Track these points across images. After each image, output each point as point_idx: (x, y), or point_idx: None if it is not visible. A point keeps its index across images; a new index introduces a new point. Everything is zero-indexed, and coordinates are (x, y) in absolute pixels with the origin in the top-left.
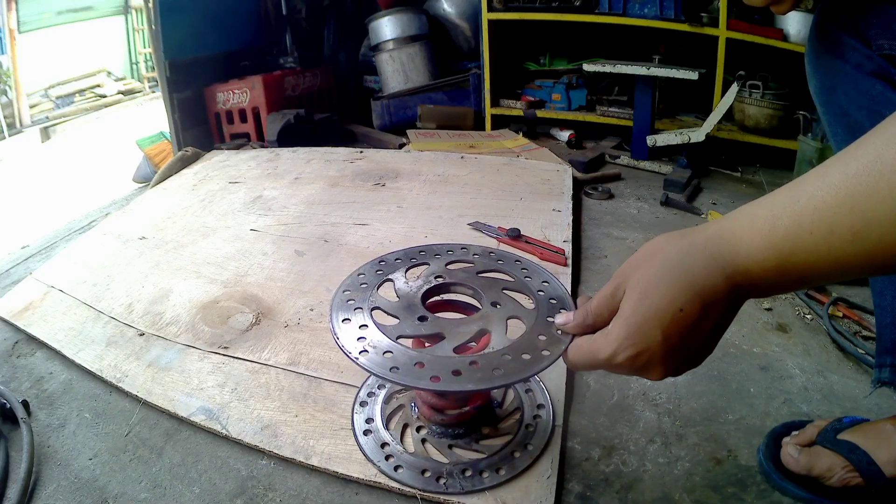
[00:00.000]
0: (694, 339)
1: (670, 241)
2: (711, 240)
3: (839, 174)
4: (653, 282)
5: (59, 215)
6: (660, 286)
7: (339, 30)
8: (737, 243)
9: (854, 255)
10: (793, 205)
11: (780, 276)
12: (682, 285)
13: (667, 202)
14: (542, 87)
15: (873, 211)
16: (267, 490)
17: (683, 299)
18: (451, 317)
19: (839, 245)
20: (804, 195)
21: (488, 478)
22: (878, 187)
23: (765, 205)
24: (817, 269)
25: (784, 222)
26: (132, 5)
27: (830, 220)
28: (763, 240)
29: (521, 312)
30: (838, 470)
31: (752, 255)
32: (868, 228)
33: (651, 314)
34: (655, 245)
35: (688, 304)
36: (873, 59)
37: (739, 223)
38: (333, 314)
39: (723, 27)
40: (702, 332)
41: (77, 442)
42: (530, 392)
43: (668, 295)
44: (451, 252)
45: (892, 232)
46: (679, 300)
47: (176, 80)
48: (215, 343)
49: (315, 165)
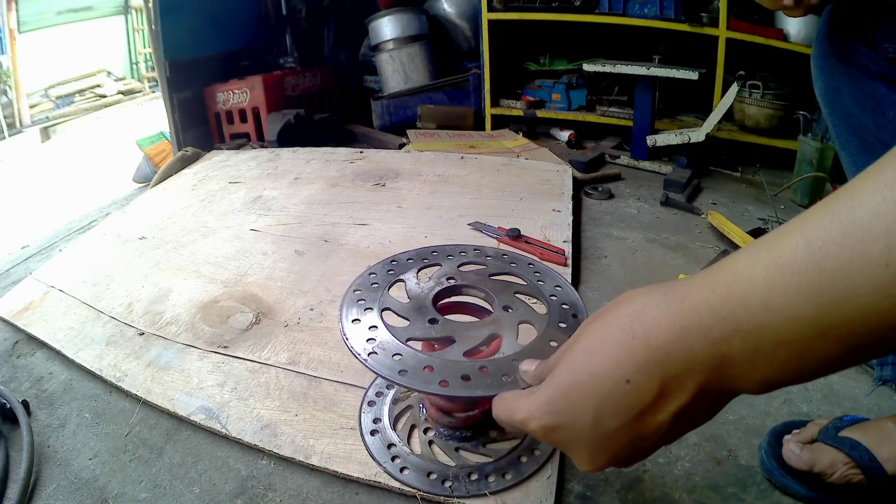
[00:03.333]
0: (641, 428)
1: (641, 291)
2: (698, 289)
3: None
4: (600, 338)
5: (59, 215)
6: (605, 345)
7: (339, 30)
8: (747, 287)
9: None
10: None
11: (818, 338)
12: (637, 347)
13: (667, 202)
14: (542, 87)
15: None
16: (267, 490)
17: (634, 366)
18: (463, 320)
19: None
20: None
21: (494, 482)
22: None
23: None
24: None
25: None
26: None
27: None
28: (795, 279)
29: (533, 317)
30: (840, 466)
31: (774, 300)
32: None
33: (586, 379)
34: (624, 295)
35: (639, 374)
36: (878, 62)
37: (747, 263)
38: (343, 314)
39: (723, 27)
40: (654, 421)
41: (77, 442)
42: None
43: (614, 358)
44: (463, 253)
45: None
46: (627, 366)
47: (176, 80)
48: (215, 342)
49: (315, 165)
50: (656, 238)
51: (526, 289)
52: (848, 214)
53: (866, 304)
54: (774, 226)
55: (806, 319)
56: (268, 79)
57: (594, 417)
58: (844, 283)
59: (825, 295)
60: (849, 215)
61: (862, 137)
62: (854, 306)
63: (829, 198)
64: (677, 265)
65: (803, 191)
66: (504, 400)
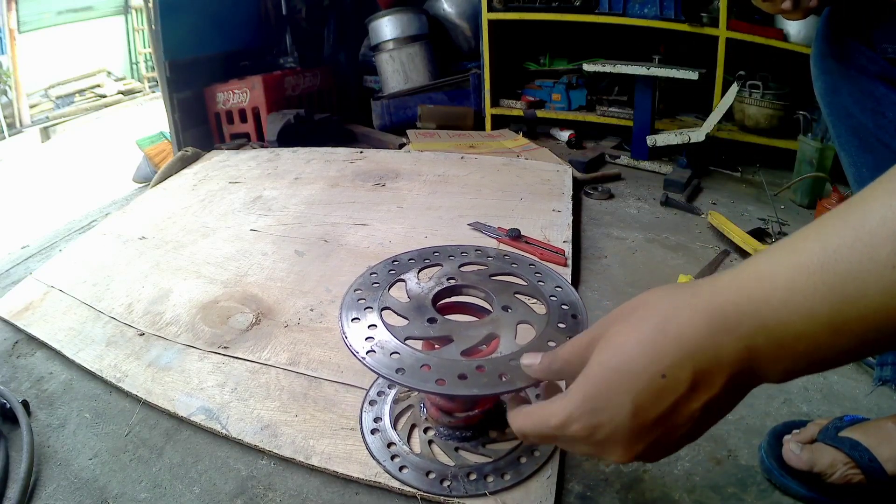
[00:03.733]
0: (675, 417)
1: (665, 292)
2: (724, 289)
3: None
4: (632, 336)
5: (59, 215)
6: (640, 343)
7: (339, 30)
8: (768, 287)
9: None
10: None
11: (833, 334)
12: (670, 345)
13: (667, 202)
14: (542, 87)
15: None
16: (267, 490)
17: (668, 362)
18: (462, 319)
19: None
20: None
21: (493, 482)
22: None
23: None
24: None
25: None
26: (132, 5)
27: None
28: (811, 279)
29: (532, 317)
30: (840, 466)
31: (793, 299)
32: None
33: (622, 376)
34: (647, 295)
35: (674, 368)
36: (878, 62)
37: (769, 265)
38: (343, 313)
39: (723, 27)
40: (688, 411)
41: (77, 442)
42: (540, 397)
43: (649, 354)
44: (465, 253)
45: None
46: (662, 362)
47: (176, 80)
48: (215, 343)
49: (315, 165)
50: (656, 238)
51: (526, 289)
52: (859, 220)
53: (875, 303)
54: (774, 226)
55: (821, 317)
56: (268, 79)
57: (632, 410)
58: (855, 283)
59: (838, 294)
60: (859, 221)
61: (862, 137)
62: (864, 304)
63: (842, 205)
64: (677, 265)
65: (803, 191)
66: (528, 413)
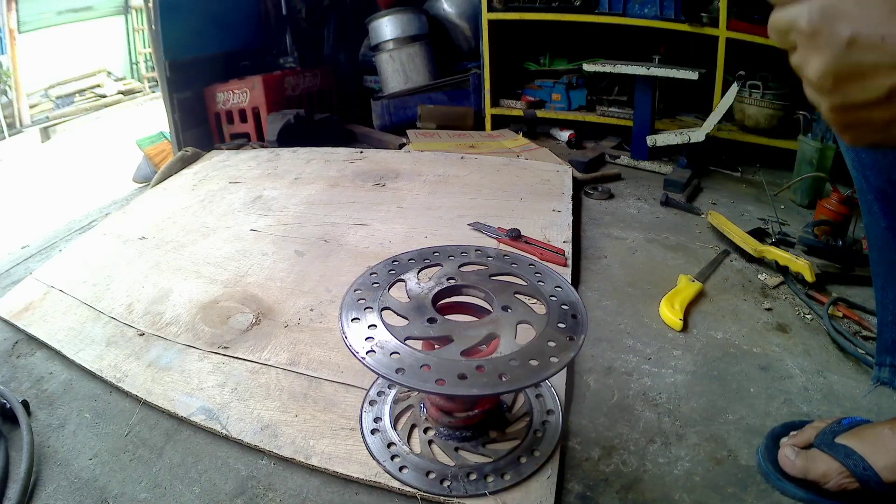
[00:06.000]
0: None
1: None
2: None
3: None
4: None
5: (59, 215)
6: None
7: (339, 30)
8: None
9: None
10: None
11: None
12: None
13: (667, 202)
14: (542, 87)
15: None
16: (267, 490)
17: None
18: (461, 319)
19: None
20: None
21: (493, 482)
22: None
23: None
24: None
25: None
26: (132, 5)
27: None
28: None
29: (532, 318)
30: (834, 476)
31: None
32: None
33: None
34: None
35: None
36: None
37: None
38: (343, 313)
39: (723, 27)
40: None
41: (77, 442)
42: (540, 397)
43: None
44: (465, 254)
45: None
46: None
47: (176, 80)
48: (215, 343)
49: (315, 165)
50: (656, 238)
51: (526, 289)
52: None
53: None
54: (774, 226)
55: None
56: (268, 79)
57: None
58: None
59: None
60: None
61: None
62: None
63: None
64: (677, 265)
65: (803, 191)
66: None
